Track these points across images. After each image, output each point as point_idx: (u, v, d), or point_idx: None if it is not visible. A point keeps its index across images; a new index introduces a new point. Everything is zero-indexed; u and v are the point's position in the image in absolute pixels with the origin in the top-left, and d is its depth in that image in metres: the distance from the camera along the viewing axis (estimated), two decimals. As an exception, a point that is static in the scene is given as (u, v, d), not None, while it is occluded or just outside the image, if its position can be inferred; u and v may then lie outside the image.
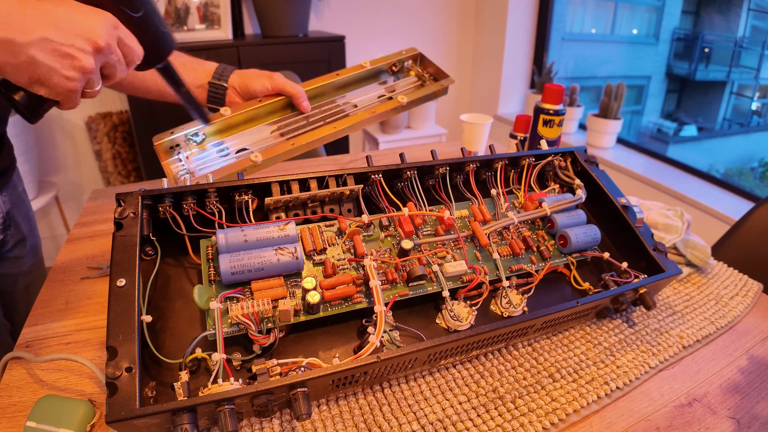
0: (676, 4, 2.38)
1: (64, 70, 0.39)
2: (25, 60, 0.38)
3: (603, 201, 0.60)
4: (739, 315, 0.58)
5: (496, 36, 2.24)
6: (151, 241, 0.45)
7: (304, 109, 0.66)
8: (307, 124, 0.67)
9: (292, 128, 0.66)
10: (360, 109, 0.70)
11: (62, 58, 0.39)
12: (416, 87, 0.76)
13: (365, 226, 0.50)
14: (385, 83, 0.76)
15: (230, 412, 0.34)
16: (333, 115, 0.69)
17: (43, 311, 0.54)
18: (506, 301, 0.49)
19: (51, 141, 1.84)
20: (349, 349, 0.45)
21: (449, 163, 0.55)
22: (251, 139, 0.64)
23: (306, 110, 0.67)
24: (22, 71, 0.38)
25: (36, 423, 0.39)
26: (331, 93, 0.72)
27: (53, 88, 0.40)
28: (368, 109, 0.69)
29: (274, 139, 0.65)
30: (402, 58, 0.76)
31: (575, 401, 0.44)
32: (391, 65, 0.76)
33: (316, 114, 0.68)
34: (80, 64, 0.40)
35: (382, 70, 0.76)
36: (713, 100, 2.38)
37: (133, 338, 0.35)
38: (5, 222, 0.66)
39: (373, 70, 0.74)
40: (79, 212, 1.12)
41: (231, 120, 0.63)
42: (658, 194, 1.67)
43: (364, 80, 0.75)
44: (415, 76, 0.78)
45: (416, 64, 0.79)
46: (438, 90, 0.74)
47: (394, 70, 0.77)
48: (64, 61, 0.39)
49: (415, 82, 0.77)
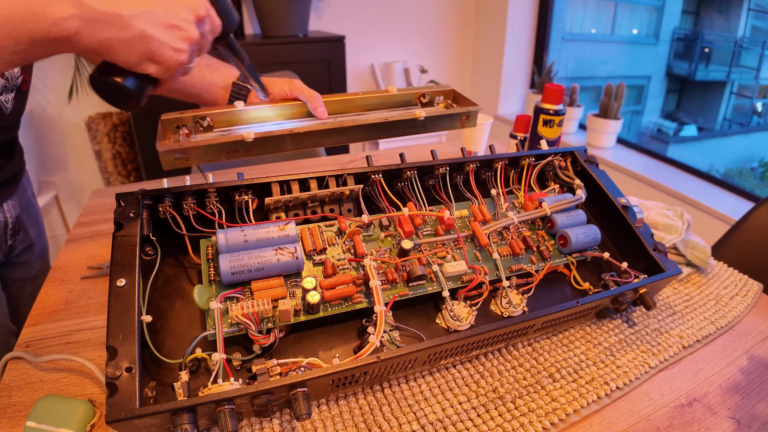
0: (676, 4, 2.38)
1: (173, 42, 0.38)
2: (135, 34, 0.36)
3: (603, 201, 0.60)
4: (739, 315, 0.58)
5: (496, 36, 2.24)
6: (151, 241, 0.45)
7: (319, 114, 0.63)
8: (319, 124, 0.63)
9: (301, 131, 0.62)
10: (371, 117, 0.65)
11: (170, 30, 0.38)
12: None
13: (365, 226, 0.50)
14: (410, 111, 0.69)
15: (230, 412, 0.34)
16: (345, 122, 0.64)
17: (43, 311, 0.54)
18: (506, 301, 0.49)
19: (51, 141, 1.84)
20: (349, 349, 0.45)
21: (449, 163, 0.55)
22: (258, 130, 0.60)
23: (321, 116, 0.64)
24: (134, 47, 0.37)
25: (36, 423, 0.39)
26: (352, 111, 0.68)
27: (164, 62, 0.39)
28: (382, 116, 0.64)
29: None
30: (433, 91, 0.71)
31: (575, 401, 0.44)
32: (420, 96, 0.70)
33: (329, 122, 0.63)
34: (187, 35, 0.39)
35: (409, 99, 0.70)
36: (713, 100, 2.38)
37: (133, 338, 0.35)
38: (15, 227, 0.66)
39: (400, 99, 0.69)
40: (79, 212, 1.12)
41: (243, 114, 0.61)
42: (658, 194, 1.67)
43: (390, 107, 0.69)
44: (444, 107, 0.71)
45: (448, 100, 0.72)
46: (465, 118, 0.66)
47: (423, 101, 0.71)
48: (172, 33, 0.38)
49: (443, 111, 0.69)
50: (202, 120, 0.60)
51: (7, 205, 0.64)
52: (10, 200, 0.64)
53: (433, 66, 2.36)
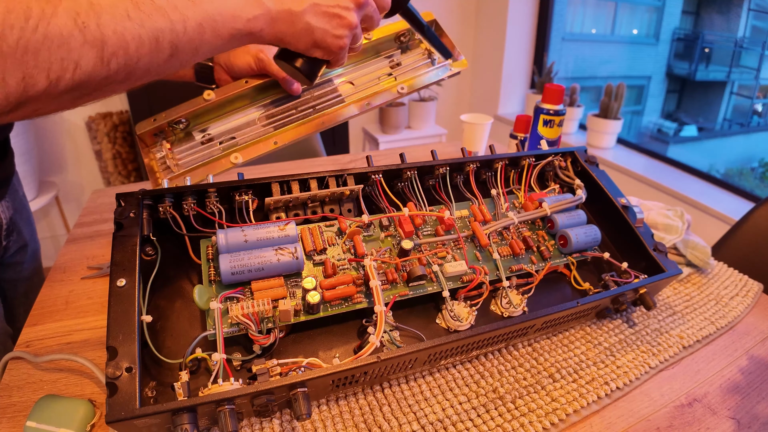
0: (677, 4, 2.38)
1: (334, 29, 0.44)
2: (302, 27, 0.42)
3: (603, 201, 0.60)
4: (739, 315, 0.58)
5: (496, 36, 2.24)
6: (151, 241, 0.45)
7: (293, 92, 0.60)
8: (296, 112, 0.60)
9: (280, 117, 0.60)
10: (354, 95, 0.63)
11: (331, 18, 0.43)
12: (423, 65, 0.67)
13: (365, 226, 0.50)
14: (391, 57, 0.67)
15: (230, 412, 0.34)
16: (325, 100, 0.62)
17: (43, 311, 0.54)
18: (506, 301, 0.49)
19: (51, 141, 1.84)
20: (349, 349, 0.45)
21: (449, 163, 0.55)
22: (237, 125, 0.59)
23: (296, 93, 0.61)
24: (302, 37, 0.43)
25: (36, 423, 0.39)
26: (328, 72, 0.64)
27: (327, 47, 0.45)
28: (362, 97, 0.63)
29: (261, 127, 0.59)
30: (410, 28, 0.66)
31: (575, 401, 0.44)
32: (400, 35, 0.66)
33: (307, 100, 0.61)
34: (347, 21, 0.44)
35: (388, 41, 0.66)
36: (713, 101, 2.38)
37: (133, 338, 0.35)
38: (8, 228, 0.66)
39: (378, 42, 0.65)
40: (79, 212, 1.12)
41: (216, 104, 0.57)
42: (658, 194, 1.67)
43: (368, 53, 0.66)
44: (425, 50, 0.68)
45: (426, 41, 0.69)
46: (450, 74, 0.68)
47: (402, 41, 0.67)
48: (333, 21, 0.44)
49: (424, 59, 0.68)
50: (178, 124, 0.57)
51: (1, 207, 0.64)
52: (3, 201, 0.64)
53: (433, 66, 2.35)
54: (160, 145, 0.58)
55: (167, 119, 0.56)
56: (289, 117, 0.61)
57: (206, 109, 0.58)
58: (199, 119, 0.59)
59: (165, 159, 0.57)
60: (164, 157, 0.57)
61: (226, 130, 0.59)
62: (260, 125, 0.60)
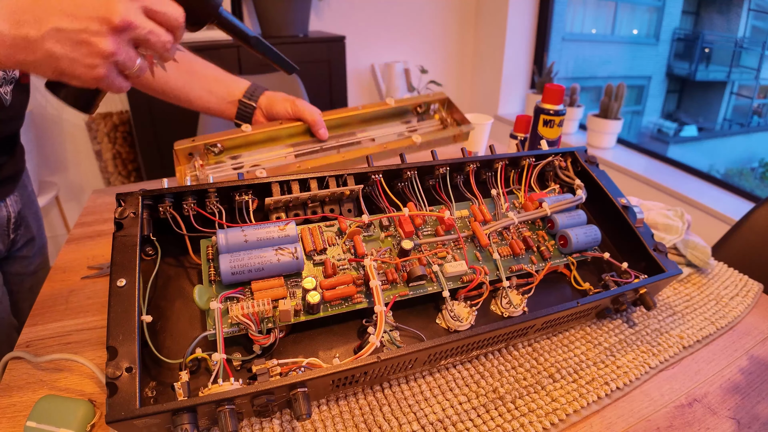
0: (677, 4, 2.38)
1: (83, 58, 0.37)
2: (42, 55, 0.36)
3: (603, 201, 0.60)
4: (739, 315, 0.58)
5: (496, 36, 2.24)
6: (152, 241, 0.45)
7: (320, 136, 0.68)
8: (321, 150, 0.69)
9: (306, 151, 0.68)
10: (374, 144, 0.71)
11: (78, 46, 0.37)
12: (437, 130, 0.77)
13: (365, 226, 0.50)
14: (408, 122, 0.77)
15: (230, 412, 0.34)
16: (347, 145, 0.70)
17: (43, 311, 0.54)
18: (506, 302, 0.49)
19: (51, 141, 1.84)
20: (349, 349, 0.45)
21: (449, 164, 0.55)
22: (267, 156, 0.66)
23: (323, 138, 0.68)
24: (44, 66, 0.37)
25: (36, 423, 0.39)
26: (353, 125, 0.73)
27: (80, 78, 0.38)
28: (381, 144, 0.71)
29: (288, 159, 0.66)
30: (428, 101, 0.77)
31: (575, 401, 0.44)
32: (416, 106, 0.77)
33: (331, 142, 0.70)
34: (98, 49, 0.37)
35: (406, 109, 0.76)
36: (713, 101, 2.38)
37: (133, 338, 0.35)
38: (17, 221, 0.67)
39: (398, 109, 0.75)
40: (79, 212, 1.12)
41: (251, 137, 0.65)
42: (658, 194, 1.67)
43: (388, 117, 0.75)
44: (438, 120, 0.78)
45: (443, 108, 0.79)
46: (458, 134, 0.75)
47: (419, 111, 0.77)
48: (81, 49, 0.37)
49: (438, 126, 0.78)
50: (213, 147, 0.63)
51: (10, 200, 0.65)
52: (12, 195, 0.65)
53: (434, 66, 2.36)
54: (193, 162, 0.62)
55: (204, 141, 0.63)
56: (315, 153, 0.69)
57: (242, 142, 0.65)
58: (233, 149, 0.65)
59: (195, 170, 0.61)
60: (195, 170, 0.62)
61: (256, 160, 0.65)
62: (286, 159, 0.67)
